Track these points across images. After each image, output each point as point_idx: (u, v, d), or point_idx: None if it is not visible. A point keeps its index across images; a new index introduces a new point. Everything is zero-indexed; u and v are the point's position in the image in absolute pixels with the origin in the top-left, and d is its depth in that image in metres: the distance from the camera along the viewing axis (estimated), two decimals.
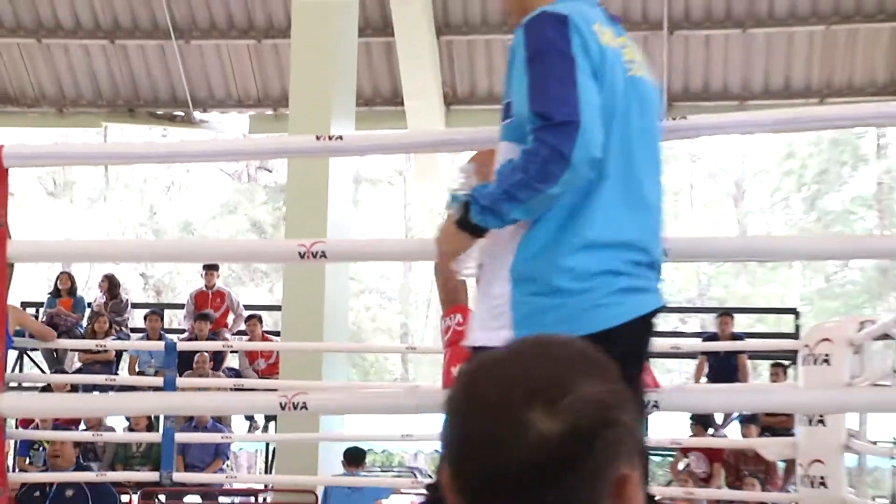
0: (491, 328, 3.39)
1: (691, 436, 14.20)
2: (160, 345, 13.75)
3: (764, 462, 13.99)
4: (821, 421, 8.71)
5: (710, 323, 20.21)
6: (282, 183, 32.78)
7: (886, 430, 12.39)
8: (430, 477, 17.70)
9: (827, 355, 8.65)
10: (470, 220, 3.38)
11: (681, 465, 14.81)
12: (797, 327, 18.31)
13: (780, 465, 13.99)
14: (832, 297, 33.04)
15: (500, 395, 1.44)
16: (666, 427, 12.91)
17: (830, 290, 34.24)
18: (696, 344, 17.49)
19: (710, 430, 14.55)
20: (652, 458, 13.72)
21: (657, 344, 6.85)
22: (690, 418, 14.18)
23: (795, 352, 15.17)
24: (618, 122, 3.48)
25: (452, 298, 4.22)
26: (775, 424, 13.84)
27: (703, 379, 16.23)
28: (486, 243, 3.50)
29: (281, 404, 4.10)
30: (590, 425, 1.42)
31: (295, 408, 4.10)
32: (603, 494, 1.43)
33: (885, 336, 8.89)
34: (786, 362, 15.44)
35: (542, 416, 1.40)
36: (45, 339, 10.67)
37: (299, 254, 3.91)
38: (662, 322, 4.55)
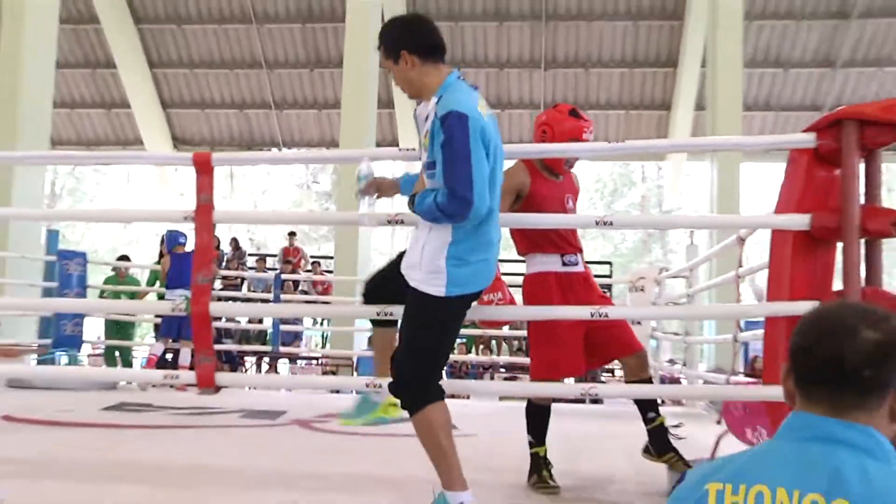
0: (433, 284, 3.11)
1: None
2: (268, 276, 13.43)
3: None
4: (639, 323, 8.57)
5: None
6: (326, 190, 32.92)
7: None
8: None
9: (643, 287, 8.67)
10: (412, 206, 3.19)
11: None
12: (611, 272, 17.95)
13: None
14: (617, 257, 33.34)
15: (842, 315, 1.49)
16: None
17: (616, 253, 34.40)
18: None
19: None
20: None
21: None
22: None
23: (611, 286, 15.06)
24: (499, 162, 3.24)
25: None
26: None
27: None
28: (427, 246, 3.18)
29: (372, 319, 3.58)
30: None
31: (386, 316, 3.58)
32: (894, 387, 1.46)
33: (675, 276, 9.01)
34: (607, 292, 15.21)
35: (868, 328, 1.45)
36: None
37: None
38: None
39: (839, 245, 3.47)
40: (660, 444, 3.92)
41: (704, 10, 15.70)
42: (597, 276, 17.63)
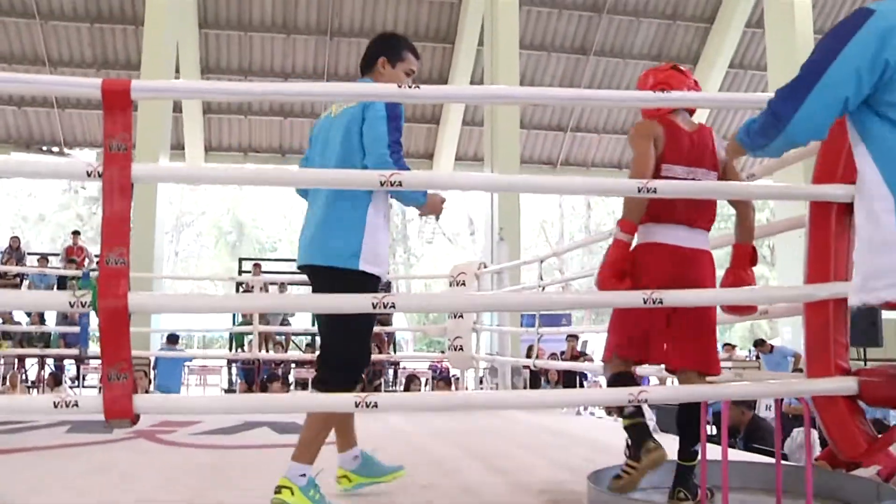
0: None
1: None
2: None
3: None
4: (460, 316, 8.07)
5: None
6: (93, 195, 29.41)
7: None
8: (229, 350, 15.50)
9: (463, 281, 8.13)
10: None
11: None
12: None
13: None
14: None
15: None
16: None
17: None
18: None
19: None
20: None
21: None
22: None
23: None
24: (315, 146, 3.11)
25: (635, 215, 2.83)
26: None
27: None
28: None
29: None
30: None
31: None
32: None
33: (493, 273, 8.60)
34: None
35: None
36: None
37: (380, 182, 2.47)
38: None
39: None
40: (690, 485, 2.80)
41: None
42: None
